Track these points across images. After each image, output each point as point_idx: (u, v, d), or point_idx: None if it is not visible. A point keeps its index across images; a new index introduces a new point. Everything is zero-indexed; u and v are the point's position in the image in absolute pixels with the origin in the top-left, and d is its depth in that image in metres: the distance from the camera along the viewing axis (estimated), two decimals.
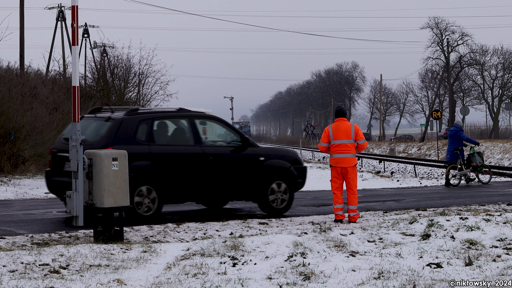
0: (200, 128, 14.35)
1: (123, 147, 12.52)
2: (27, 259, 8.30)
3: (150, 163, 13.31)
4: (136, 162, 12.93)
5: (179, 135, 14.26)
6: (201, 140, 14.10)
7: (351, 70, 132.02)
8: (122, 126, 13.38)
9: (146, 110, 14.41)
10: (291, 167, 14.73)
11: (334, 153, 13.22)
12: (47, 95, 30.33)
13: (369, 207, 15.71)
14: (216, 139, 15.33)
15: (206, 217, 14.07)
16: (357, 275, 7.57)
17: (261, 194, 14.37)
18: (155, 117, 13.89)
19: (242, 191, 14.31)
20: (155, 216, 13.19)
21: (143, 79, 43.47)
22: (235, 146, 14.35)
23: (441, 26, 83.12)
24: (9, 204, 16.74)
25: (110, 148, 12.72)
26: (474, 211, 13.58)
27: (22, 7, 34.72)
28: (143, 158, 13.23)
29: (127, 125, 13.43)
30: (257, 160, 14.36)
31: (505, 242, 9.27)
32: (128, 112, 13.75)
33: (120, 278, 7.46)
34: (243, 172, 14.22)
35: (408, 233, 10.17)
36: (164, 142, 13.89)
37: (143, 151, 13.34)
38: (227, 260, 8.38)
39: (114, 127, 13.36)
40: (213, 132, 16.25)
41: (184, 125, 14.19)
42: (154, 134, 13.68)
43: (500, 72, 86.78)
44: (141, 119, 13.62)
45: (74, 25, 10.53)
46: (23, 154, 25.17)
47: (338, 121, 13.34)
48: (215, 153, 13.97)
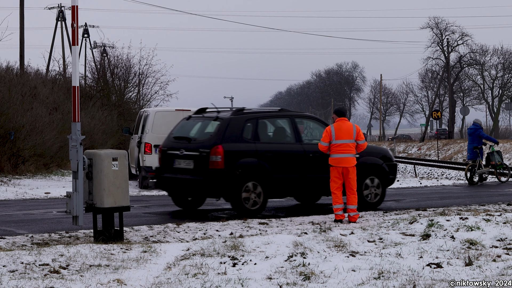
0: (299, 127, 15.19)
1: (232, 145, 13.89)
2: (27, 259, 8.30)
3: (256, 160, 14.10)
4: (243, 159, 13.95)
5: (281, 134, 15.04)
6: (301, 139, 14.93)
7: (351, 70, 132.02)
8: (229, 125, 14.20)
9: (251, 110, 15.08)
10: (383, 164, 15.45)
11: (336, 153, 13.15)
12: (47, 95, 30.33)
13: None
14: (312, 137, 15.95)
15: (206, 217, 14.08)
16: (357, 275, 7.57)
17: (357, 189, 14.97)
18: (259, 116, 14.70)
19: None
20: (261, 211, 14.08)
21: (143, 79, 43.50)
22: None
23: (441, 26, 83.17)
24: (9, 204, 16.74)
25: (220, 146, 13.84)
26: (474, 211, 13.58)
27: (22, 7, 34.73)
28: (250, 155, 13.98)
29: (234, 124, 14.24)
30: None
31: (505, 242, 9.27)
32: (234, 112, 14.59)
33: (120, 278, 7.46)
34: None
35: (408, 233, 10.17)
36: (268, 140, 14.67)
37: (249, 149, 14.15)
38: (227, 260, 8.38)
39: (223, 126, 14.18)
40: (310, 131, 16.72)
41: (286, 124, 14.98)
42: (259, 133, 14.49)
43: (500, 72, 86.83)
44: (247, 118, 14.44)
45: (74, 25, 10.53)
46: (23, 154, 25.16)
47: (340, 121, 13.29)
48: (314, 150, 14.47)
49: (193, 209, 15.20)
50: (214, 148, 13.87)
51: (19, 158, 25.13)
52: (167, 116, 21.61)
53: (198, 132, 14.83)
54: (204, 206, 15.65)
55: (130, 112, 40.35)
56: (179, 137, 15.02)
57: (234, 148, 13.99)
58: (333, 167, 13.20)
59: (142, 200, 17.56)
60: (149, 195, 19.27)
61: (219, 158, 13.83)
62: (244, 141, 14.12)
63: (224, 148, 13.86)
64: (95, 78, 44.98)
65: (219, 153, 13.84)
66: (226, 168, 13.82)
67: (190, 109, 21.99)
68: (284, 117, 15.11)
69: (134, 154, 22.35)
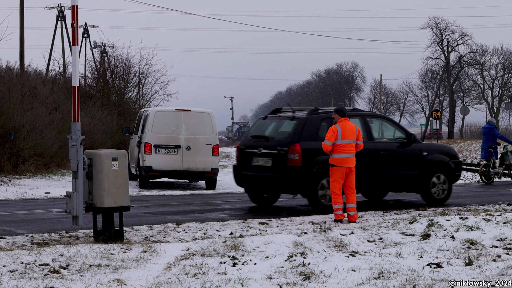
0: (370, 126, 15.83)
1: (308, 143, 14.57)
2: (27, 259, 8.30)
3: None
4: (319, 157, 14.41)
5: None
6: (373, 137, 15.60)
7: (351, 70, 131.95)
8: (306, 124, 14.90)
9: (325, 109, 15.60)
10: (449, 161, 16.20)
11: (341, 153, 13.02)
12: (47, 95, 30.33)
13: (369, 207, 15.71)
14: (382, 136, 16.71)
15: (206, 217, 14.09)
16: (357, 275, 7.57)
17: (424, 186, 15.88)
18: None
19: (406, 183, 15.85)
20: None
21: (143, 79, 43.50)
22: (401, 142, 15.87)
23: (441, 26, 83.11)
24: (9, 204, 16.74)
25: (298, 144, 14.51)
26: (474, 211, 13.58)
27: (22, 7, 34.72)
28: (325, 153, 13.97)
29: (310, 124, 14.93)
30: (421, 155, 15.86)
31: (505, 242, 9.27)
32: (310, 111, 15.29)
33: (120, 278, 7.46)
34: (409, 166, 15.73)
35: (408, 233, 10.17)
36: None
37: None
38: (227, 260, 8.38)
39: (300, 125, 14.89)
40: (380, 129, 17.55)
41: (358, 123, 15.25)
42: None
43: (500, 72, 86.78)
44: (322, 117, 15.06)
45: (74, 25, 10.53)
46: (23, 154, 25.16)
47: (344, 121, 13.20)
48: (385, 148, 15.45)
49: (268, 205, 15.99)
50: (292, 146, 14.58)
51: (19, 158, 25.12)
52: (167, 116, 21.62)
53: (275, 131, 15.58)
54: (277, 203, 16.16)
55: (130, 112, 40.35)
56: (256, 136, 15.87)
57: (310, 146, 14.63)
58: (337, 167, 13.05)
59: (142, 200, 17.56)
60: (149, 195, 19.27)
61: (297, 156, 14.53)
62: (320, 139, 14.30)
63: (301, 146, 14.57)
64: (95, 78, 44.98)
65: (297, 151, 14.54)
66: (304, 166, 14.53)
67: (190, 109, 22.01)
68: (356, 116, 15.60)
69: (134, 154, 22.35)
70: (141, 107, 39.29)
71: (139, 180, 22.01)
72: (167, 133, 21.40)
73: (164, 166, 21.25)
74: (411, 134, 16.00)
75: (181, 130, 21.45)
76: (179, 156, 21.32)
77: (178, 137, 21.39)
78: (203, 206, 15.92)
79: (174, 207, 15.61)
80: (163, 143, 21.32)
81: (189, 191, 20.87)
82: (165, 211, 14.92)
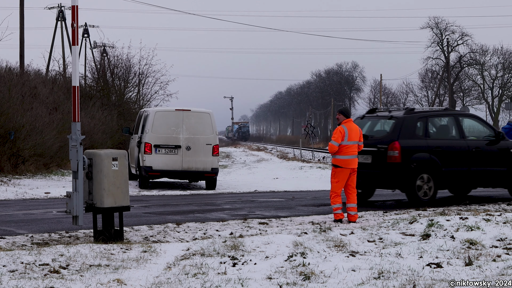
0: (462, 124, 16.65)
1: (406, 141, 15.48)
2: (27, 259, 8.29)
3: (428, 155, 15.64)
4: (416, 154, 15.50)
5: (447, 131, 16.57)
6: (465, 135, 16.40)
7: (351, 70, 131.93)
8: (404, 123, 15.75)
9: (421, 109, 16.73)
10: None
11: (346, 154, 12.98)
12: (47, 95, 30.33)
13: (369, 207, 15.71)
14: (473, 134, 17.32)
15: (206, 217, 14.09)
16: (357, 275, 7.57)
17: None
18: (428, 115, 16.28)
19: (495, 179, 16.66)
20: (431, 201, 15.47)
21: (143, 79, 43.52)
22: (490, 139, 16.61)
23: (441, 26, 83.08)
24: (9, 204, 16.74)
25: (397, 142, 15.35)
26: (474, 211, 13.58)
27: (22, 7, 34.72)
28: (422, 151, 15.53)
29: (408, 123, 15.80)
30: (508, 152, 16.64)
31: (505, 242, 9.27)
32: (407, 111, 16.16)
33: (120, 278, 7.46)
34: (498, 162, 16.54)
35: (408, 233, 10.17)
36: (436, 136, 16.21)
37: (421, 145, 15.72)
38: (227, 260, 8.37)
39: (398, 124, 15.74)
40: (470, 128, 18.34)
41: (451, 122, 16.47)
42: (429, 130, 16.07)
43: (500, 72, 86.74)
44: (418, 117, 16.02)
45: (74, 25, 10.53)
46: (23, 154, 25.16)
47: (349, 122, 13.15)
48: (476, 146, 16.28)
49: (363, 201, 16.52)
50: (391, 144, 15.43)
51: (19, 158, 25.12)
52: (167, 116, 21.62)
53: (373, 130, 16.47)
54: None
55: (130, 112, 40.37)
56: None
57: (408, 144, 15.57)
58: (341, 168, 13.00)
59: (142, 200, 17.56)
60: (149, 195, 19.27)
61: (397, 153, 15.38)
62: (417, 137, 15.68)
63: (400, 144, 15.42)
64: (95, 78, 44.99)
65: (396, 149, 15.39)
66: (403, 162, 15.37)
67: (190, 109, 22.01)
68: (449, 115, 16.68)
69: (134, 154, 22.36)
70: (141, 107, 39.30)
71: (139, 180, 22.01)
72: (167, 133, 21.40)
73: (164, 166, 21.25)
74: (499, 132, 16.81)
75: (181, 130, 21.45)
76: (179, 156, 21.32)
77: (178, 137, 21.39)
78: (203, 206, 15.92)
79: (174, 207, 15.61)
80: (163, 143, 21.32)
81: (189, 191, 20.87)
82: (165, 211, 14.92)
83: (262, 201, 17.65)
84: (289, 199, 17.79)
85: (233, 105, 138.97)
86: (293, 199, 17.70)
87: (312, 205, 16.46)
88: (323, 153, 51.75)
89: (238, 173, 34.05)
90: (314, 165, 39.47)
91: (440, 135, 16.36)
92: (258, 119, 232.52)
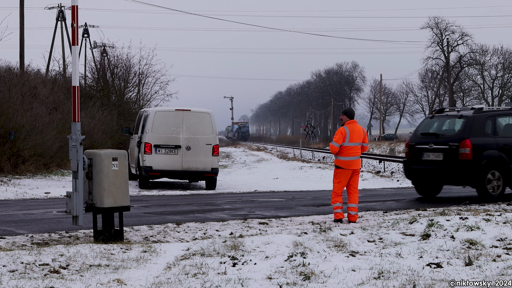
0: None
1: (477, 139, 16.28)
2: (27, 259, 8.29)
3: (497, 152, 16.46)
4: (486, 151, 16.34)
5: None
6: None
7: (351, 70, 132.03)
8: (474, 122, 16.57)
9: (489, 109, 17.49)
10: None
11: (348, 155, 12.93)
12: (47, 95, 30.34)
13: (369, 207, 15.71)
14: None
15: (206, 217, 14.09)
16: (357, 275, 7.57)
17: None
18: (496, 114, 17.12)
19: None
20: (500, 196, 16.38)
21: (143, 79, 43.54)
22: None
23: (441, 26, 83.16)
24: (9, 204, 16.74)
25: (468, 140, 16.19)
26: (474, 211, 13.58)
27: (22, 7, 34.72)
28: (491, 148, 16.34)
29: (477, 121, 16.61)
30: None
31: (505, 242, 9.26)
32: (476, 110, 16.94)
33: (120, 278, 7.46)
34: None
35: (408, 233, 10.16)
36: (504, 135, 16.91)
37: (490, 142, 16.53)
38: (227, 260, 8.37)
39: (468, 123, 16.57)
40: None
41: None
42: (497, 128, 16.85)
43: (500, 72, 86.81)
44: (487, 116, 16.87)
45: (74, 25, 10.52)
46: (23, 154, 25.16)
47: (352, 123, 13.09)
48: None
49: (432, 197, 17.61)
50: (463, 142, 16.25)
51: (19, 158, 25.12)
52: (167, 116, 21.62)
53: (443, 129, 17.30)
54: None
55: (130, 112, 40.38)
56: (425, 133, 17.51)
57: (479, 141, 16.38)
58: (342, 169, 12.96)
59: (142, 200, 17.56)
60: (149, 195, 19.27)
61: (468, 151, 16.18)
62: (486, 135, 16.53)
63: (471, 141, 16.24)
64: (95, 78, 45.00)
65: (467, 146, 16.19)
66: (474, 159, 16.18)
67: (190, 109, 22.01)
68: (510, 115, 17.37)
69: (134, 154, 22.36)
70: (141, 107, 39.32)
71: (139, 180, 22.01)
72: (167, 133, 21.41)
73: (164, 166, 21.25)
74: None
75: (181, 130, 21.45)
76: (179, 156, 21.33)
77: (178, 137, 21.40)
78: (203, 206, 15.92)
79: (174, 207, 15.60)
80: (163, 143, 21.32)
81: (189, 191, 20.87)
82: (165, 211, 14.92)
83: (262, 201, 17.65)
84: (289, 199, 17.79)
85: (233, 105, 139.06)
86: (293, 199, 17.70)
87: (312, 205, 16.46)
88: (323, 153, 51.76)
89: (238, 173, 34.06)
90: (314, 165, 39.49)
91: (508, 133, 16.99)
92: (258, 119, 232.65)
